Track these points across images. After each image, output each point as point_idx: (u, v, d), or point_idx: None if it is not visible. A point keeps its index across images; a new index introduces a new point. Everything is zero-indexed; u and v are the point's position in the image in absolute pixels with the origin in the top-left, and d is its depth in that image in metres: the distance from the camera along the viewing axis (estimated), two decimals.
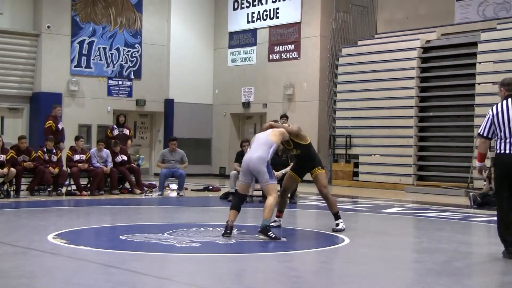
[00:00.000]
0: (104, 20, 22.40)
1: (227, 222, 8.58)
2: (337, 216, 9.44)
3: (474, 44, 18.12)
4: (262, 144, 8.73)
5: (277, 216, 9.67)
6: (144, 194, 15.40)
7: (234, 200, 8.95)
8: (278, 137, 8.90)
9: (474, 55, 18.03)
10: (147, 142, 24.07)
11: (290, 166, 13.05)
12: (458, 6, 19.61)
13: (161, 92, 23.63)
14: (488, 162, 15.52)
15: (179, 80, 23.73)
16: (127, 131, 16.88)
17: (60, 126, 15.55)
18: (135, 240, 8.32)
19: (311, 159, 9.44)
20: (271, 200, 8.50)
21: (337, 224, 9.40)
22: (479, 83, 17.67)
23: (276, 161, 12.72)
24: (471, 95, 17.91)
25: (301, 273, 6.72)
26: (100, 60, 22.29)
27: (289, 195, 10.41)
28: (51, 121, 15.36)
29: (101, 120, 22.08)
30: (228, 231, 8.50)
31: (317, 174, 9.37)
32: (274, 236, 8.34)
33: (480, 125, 7.61)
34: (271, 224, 8.89)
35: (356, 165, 20.29)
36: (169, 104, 23.68)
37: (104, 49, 22.35)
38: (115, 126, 17.02)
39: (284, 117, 15.25)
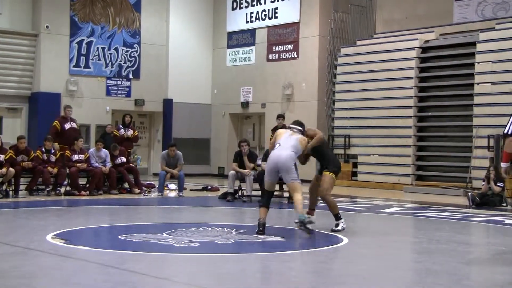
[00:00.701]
0: (102, 20, 22.39)
1: (258, 220, 8.87)
2: (337, 217, 9.47)
3: (473, 44, 18.13)
4: (292, 147, 8.94)
5: (308, 214, 9.83)
6: (143, 194, 15.40)
7: (263, 198, 9.14)
8: (305, 147, 9.13)
9: (472, 55, 18.03)
10: (145, 142, 24.06)
11: None
12: (456, 6, 19.61)
13: (160, 92, 23.62)
14: (487, 162, 15.62)
15: (178, 80, 23.72)
16: (131, 131, 16.85)
17: (67, 126, 15.45)
18: (134, 240, 8.32)
19: (324, 158, 9.53)
20: (298, 196, 8.74)
21: (337, 225, 9.42)
22: (477, 83, 17.67)
23: None
24: (470, 95, 17.91)
25: (301, 273, 6.72)
26: (99, 60, 22.27)
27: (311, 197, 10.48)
28: (56, 121, 15.41)
29: (100, 120, 22.05)
30: (261, 229, 8.75)
31: (323, 175, 9.45)
32: (311, 228, 8.69)
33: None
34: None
35: (355, 165, 20.30)
36: (167, 104, 23.66)
37: (103, 49, 22.34)
38: (120, 125, 17.00)
39: (281, 117, 15.24)
